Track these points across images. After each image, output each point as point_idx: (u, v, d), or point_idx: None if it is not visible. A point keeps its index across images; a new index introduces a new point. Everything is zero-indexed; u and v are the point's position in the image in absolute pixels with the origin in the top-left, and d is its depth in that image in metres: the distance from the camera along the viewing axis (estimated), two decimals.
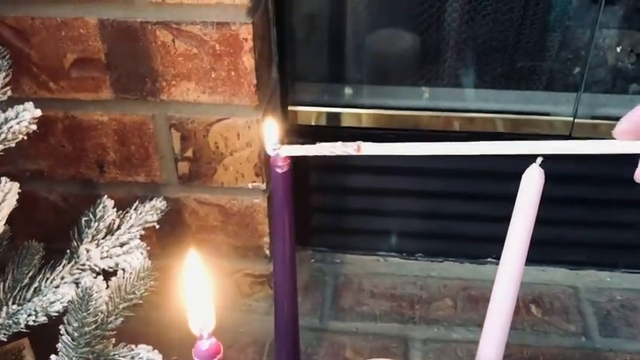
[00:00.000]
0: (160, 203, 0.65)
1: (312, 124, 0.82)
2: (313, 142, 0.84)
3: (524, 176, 0.50)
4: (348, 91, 0.83)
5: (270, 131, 0.50)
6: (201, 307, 0.36)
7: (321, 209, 0.89)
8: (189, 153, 0.68)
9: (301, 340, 0.78)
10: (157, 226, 0.64)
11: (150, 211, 0.63)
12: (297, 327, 0.63)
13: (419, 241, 0.90)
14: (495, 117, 0.81)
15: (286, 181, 0.51)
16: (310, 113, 0.81)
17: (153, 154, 0.69)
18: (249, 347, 0.77)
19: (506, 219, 0.89)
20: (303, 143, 0.82)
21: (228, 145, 0.67)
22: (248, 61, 0.62)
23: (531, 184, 0.49)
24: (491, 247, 0.89)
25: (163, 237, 0.75)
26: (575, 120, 0.77)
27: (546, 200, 0.86)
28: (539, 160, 0.49)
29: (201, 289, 0.36)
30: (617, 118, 0.81)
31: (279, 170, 0.51)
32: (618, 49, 0.85)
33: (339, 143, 0.49)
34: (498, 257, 0.91)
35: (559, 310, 0.82)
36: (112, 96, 0.65)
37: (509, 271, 0.53)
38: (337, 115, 0.82)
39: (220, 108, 0.65)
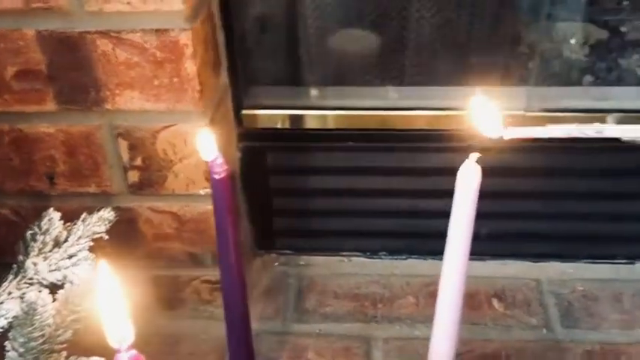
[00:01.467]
0: (108, 214, 0.64)
1: (274, 127, 0.81)
2: (273, 146, 0.84)
3: (459, 173, 0.50)
4: (306, 92, 0.83)
5: (205, 139, 0.50)
6: (118, 318, 0.35)
7: (282, 212, 0.89)
8: (138, 161, 0.68)
9: (263, 345, 0.78)
10: (106, 237, 0.63)
11: (98, 222, 0.63)
12: (250, 333, 0.63)
13: (382, 240, 0.90)
14: (451, 114, 0.81)
15: (225, 187, 0.51)
16: (270, 116, 0.81)
17: (102, 164, 0.68)
18: (210, 354, 0.77)
19: (482, 215, 0.89)
20: (261, 147, 0.83)
21: (177, 152, 0.67)
22: (190, 67, 0.61)
23: (466, 180, 0.49)
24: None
25: (119, 247, 0.74)
26: (527, 114, 0.77)
27: (507, 194, 0.87)
28: (475, 156, 0.49)
29: (116, 301, 0.36)
30: (570, 110, 0.82)
31: (216, 177, 0.50)
32: (572, 42, 0.85)
33: (574, 125, 0.46)
34: (472, 253, 0.91)
35: (521, 303, 0.83)
36: (57, 107, 0.64)
37: (453, 267, 0.53)
38: (299, 117, 0.81)
39: (166, 115, 0.64)
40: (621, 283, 0.85)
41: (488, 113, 0.44)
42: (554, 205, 0.86)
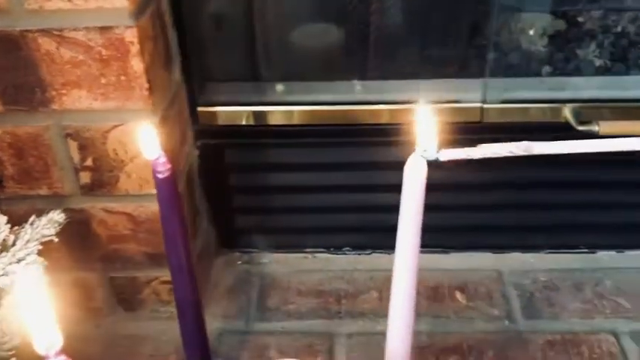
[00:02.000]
0: (57, 216, 0.63)
1: (232, 123, 0.80)
2: (231, 143, 0.83)
3: (405, 167, 0.49)
4: (264, 88, 0.82)
5: (147, 137, 0.49)
6: (45, 324, 0.34)
7: (244, 210, 0.88)
8: (89, 162, 0.67)
9: (225, 344, 0.77)
10: (56, 240, 0.62)
11: (47, 225, 0.61)
12: (205, 333, 0.62)
13: (346, 236, 0.90)
14: (413, 107, 0.80)
15: (170, 187, 0.50)
16: (227, 113, 0.80)
17: (52, 165, 0.67)
18: (171, 355, 0.76)
19: (431, 207, 0.89)
20: (219, 145, 0.82)
21: (128, 152, 0.66)
22: (137, 64, 0.60)
23: (413, 173, 0.48)
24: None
25: (74, 250, 0.73)
26: (485, 105, 0.77)
27: (468, 186, 0.87)
28: (422, 149, 0.48)
29: (42, 306, 0.35)
30: (528, 101, 0.82)
31: (160, 176, 0.50)
32: (531, 32, 0.85)
33: (505, 144, 0.47)
34: (424, 246, 0.91)
35: (483, 295, 0.83)
36: (2, 109, 0.63)
37: (403, 262, 0.53)
38: (257, 113, 0.80)
39: (115, 114, 0.63)
40: (582, 273, 0.86)
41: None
42: (515, 196, 0.86)
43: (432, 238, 0.89)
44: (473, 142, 0.81)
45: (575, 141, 0.45)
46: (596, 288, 0.83)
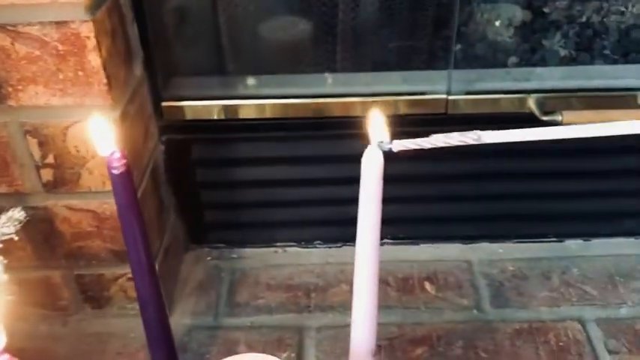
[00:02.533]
0: (18, 214, 0.63)
1: (197, 118, 0.80)
2: (197, 138, 0.82)
3: (363, 159, 0.49)
4: (229, 82, 0.81)
5: (99, 132, 0.48)
6: None
7: (212, 205, 0.87)
8: (50, 159, 0.66)
9: (194, 340, 0.77)
10: (16, 238, 0.61)
11: (7, 223, 0.61)
12: (169, 330, 0.61)
13: (317, 229, 0.90)
14: (379, 100, 0.80)
15: (126, 182, 0.50)
16: (192, 108, 0.79)
17: (12, 163, 0.66)
18: (139, 352, 0.75)
19: (401, 199, 0.89)
20: (185, 140, 0.81)
21: (89, 148, 0.65)
22: (94, 60, 0.59)
23: (369, 165, 0.49)
24: (386, 229, 0.89)
25: (38, 248, 0.72)
26: (450, 97, 0.78)
27: (436, 177, 0.87)
28: (378, 140, 0.48)
29: None
30: (493, 92, 0.82)
31: (115, 172, 0.49)
32: (497, 23, 0.85)
33: (456, 134, 0.46)
34: (394, 238, 0.92)
35: (453, 285, 0.83)
36: None
37: (364, 254, 0.53)
38: (223, 107, 0.79)
39: (74, 110, 0.62)
40: (550, 262, 0.87)
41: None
42: (483, 186, 0.87)
43: (402, 230, 0.90)
44: (438, 133, 0.82)
45: (523, 129, 0.45)
46: (563, 276, 0.84)
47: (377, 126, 0.47)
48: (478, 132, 0.44)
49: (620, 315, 0.79)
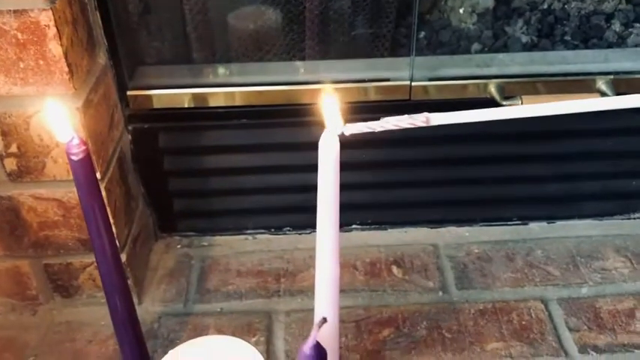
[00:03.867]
0: None
1: (164, 107, 0.80)
2: (164, 127, 0.83)
3: (319, 144, 0.50)
4: (195, 71, 0.82)
5: (58, 118, 0.48)
6: None
7: (181, 194, 0.88)
8: (13, 149, 0.66)
9: (164, 327, 0.78)
10: None
11: None
12: (135, 316, 0.62)
13: (286, 216, 0.91)
14: (349, 86, 0.81)
15: (86, 169, 0.50)
16: (158, 96, 0.79)
17: None
18: (109, 340, 0.76)
19: (369, 185, 0.91)
20: (152, 129, 0.81)
21: (52, 137, 0.65)
22: (55, 48, 0.60)
23: (326, 149, 0.50)
24: (355, 214, 0.91)
25: (4, 238, 0.72)
26: (413, 83, 0.79)
27: (403, 162, 0.88)
28: (334, 126, 0.49)
29: None
30: (456, 78, 0.84)
31: (74, 158, 0.50)
32: (461, 11, 0.87)
33: (406, 116, 0.47)
34: (363, 223, 0.93)
35: (419, 268, 0.85)
36: None
37: (324, 237, 0.54)
38: (190, 96, 0.79)
39: (36, 99, 0.63)
40: (514, 244, 0.89)
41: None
42: (449, 171, 0.88)
43: (370, 216, 0.91)
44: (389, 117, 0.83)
45: (469, 111, 0.46)
46: (527, 258, 0.86)
47: (331, 111, 0.48)
48: (427, 114, 0.45)
49: (581, 294, 0.81)
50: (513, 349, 0.74)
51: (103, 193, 0.68)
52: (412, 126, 0.45)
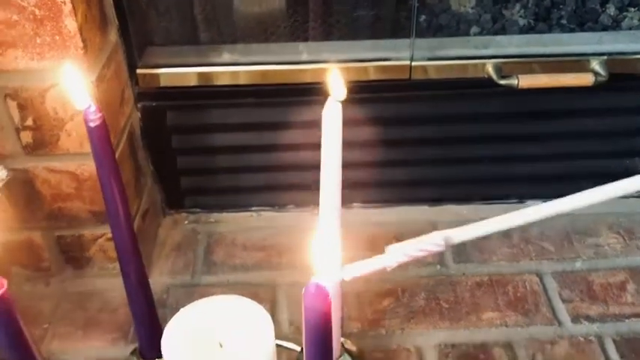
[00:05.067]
0: (1, 172, 0.66)
1: (172, 85, 0.82)
2: (172, 105, 0.85)
3: (323, 111, 0.53)
4: (204, 51, 0.84)
5: (76, 86, 0.51)
6: None
7: (189, 171, 0.91)
8: (29, 122, 0.69)
9: (172, 297, 0.81)
10: (0, 195, 0.64)
11: None
12: (147, 282, 0.65)
13: (290, 194, 0.94)
14: (352, 66, 0.83)
15: (102, 135, 0.53)
16: (167, 75, 0.81)
17: None
18: (120, 308, 0.79)
19: (370, 164, 0.93)
20: (160, 106, 0.84)
21: (67, 110, 0.68)
22: (71, 24, 0.62)
23: (330, 116, 0.52)
24: (356, 193, 0.94)
25: (19, 210, 0.75)
26: (413, 63, 0.81)
27: (404, 141, 0.91)
28: (336, 95, 0.52)
29: None
30: (454, 58, 0.86)
31: (91, 124, 0.52)
32: None
33: (417, 241, 0.47)
34: (364, 201, 0.96)
35: None
36: None
37: (329, 199, 0.56)
38: (198, 75, 0.82)
39: (52, 73, 0.65)
40: None
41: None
42: (448, 151, 0.91)
43: (371, 194, 0.94)
44: (403, 98, 0.86)
45: (488, 221, 0.47)
46: (523, 234, 0.89)
47: (336, 81, 0.51)
48: (444, 235, 0.45)
49: (575, 268, 0.84)
50: (508, 318, 0.77)
51: None
52: (427, 253, 0.46)
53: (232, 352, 0.54)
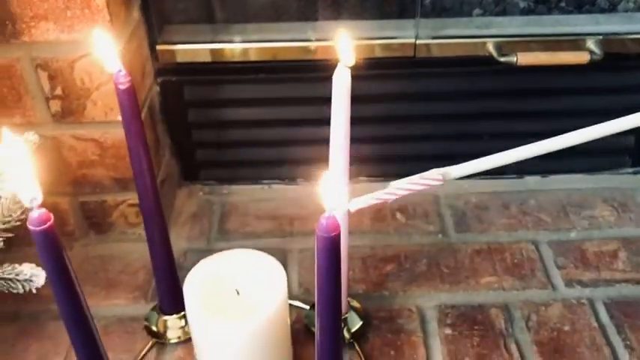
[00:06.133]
0: (32, 137, 0.71)
1: (189, 61, 0.87)
2: (189, 80, 0.89)
3: (333, 77, 0.58)
4: (220, 29, 0.89)
5: (108, 51, 0.56)
6: (27, 181, 0.42)
7: (204, 144, 0.96)
8: (58, 91, 0.74)
9: (189, 261, 0.86)
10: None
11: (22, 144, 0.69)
12: (169, 244, 0.70)
13: (300, 167, 0.98)
14: (359, 43, 0.87)
15: (130, 97, 0.58)
16: (185, 51, 0.86)
17: (24, 94, 0.74)
18: (140, 271, 0.84)
19: (375, 139, 0.97)
20: (178, 81, 0.88)
21: (94, 80, 0.73)
22: None
23: (340, 81, 0.57)
24: (362, 168, 0.98)
25: (47, 176, 0.80)
26: (418, 41, 0.86)
27: (407, 119, 0.95)
28: (344, 62, 0.57)
29: (23, 165, 0.42)
30: (457, 37, 0.90)
31: (121, 87, 0.57)
32: None
33: (416, 176, 0.50)
34: (369, 176, 1.00)
35: (421, 214, 0.93)
36: None
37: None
38: (214, 51, 0.86)
39: (80, 45, 0.70)
40: (510, 195, 0.96)
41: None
42: (449, 126, 0.95)
43: (376, 169, 0.99)
44: (407, 75, 0.90)
45: (484, 158, 0.50)
46: (521, 206, 0.94)
47: (345, 47, 0.55)
48: (441, 170, 0.49)
49: (570, 238, 0.88)
50: (505, 282, 0.82)
51: None
52: (426, 187, 0.50)
53: (248, 297, 0.59)
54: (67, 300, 0.47)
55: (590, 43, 0.85)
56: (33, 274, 0.67)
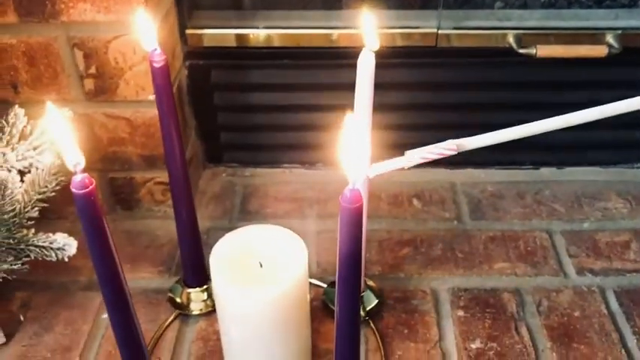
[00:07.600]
0: (66, 113, 0.74)
1: (217, 45, 0.89)
2: (216, 64, 0.92)
3: (358, 60, 0.60)
4: (247, 14, 0.91)
5: (146, 29, 0.59)
6: (71, 147, 0.45)
7: (228, 127, 0.99)
8: (92, 70, 0.77)
9: (212, 238, 0.89)
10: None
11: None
12: (195, 220, 0.73)
13: (320, 152, 1.01)
14: (382, 32, 0.89)
15: (164, 75, 0.61)
16: (213, 35, 0.89)
17: (60, 72, 0.77)
18: (165, 246, 0.87)
19: (393, 127, 1.00)
20: (206, 65, 0.91)
21: (127, 60, 0.76)
22: None
23: (364, 64, 0.59)
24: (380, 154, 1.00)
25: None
26: (439, 31, 0.88)
27: (425, 107, 0.97)
28: (369, 47, 0.59)
29: (67, 134, 0.45)
30: (478, 28, 0.92)
31: (156, 65, 0.60)
32: None
33: (432, 146, 0.52)
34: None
35: (437, 201, 0.95)
36: (17, 20, 0.73)
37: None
38: (241, 36, 0.88)
39: (115, 26, 0.73)
40: (526, 185, 0.98)
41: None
42: (466, 116, 0.97)
43: (394, 155, 1.00)
44: (428, 64, 0.93)
45: (498, 131, 0.52)
46: (536, 196, 0.96)
47: (369, 31, 0.58)
48: (456, 141, 0.52)
49: (583, 228, 0.90)
50: (518, 269, 0.84)
51: None
52: (441, 156, 0.52)
53: (271, 269, 0.62)
54: (103, 261, 0.50)
55: (609, 37, 0.87)
56: (66, 244, 0.70)
